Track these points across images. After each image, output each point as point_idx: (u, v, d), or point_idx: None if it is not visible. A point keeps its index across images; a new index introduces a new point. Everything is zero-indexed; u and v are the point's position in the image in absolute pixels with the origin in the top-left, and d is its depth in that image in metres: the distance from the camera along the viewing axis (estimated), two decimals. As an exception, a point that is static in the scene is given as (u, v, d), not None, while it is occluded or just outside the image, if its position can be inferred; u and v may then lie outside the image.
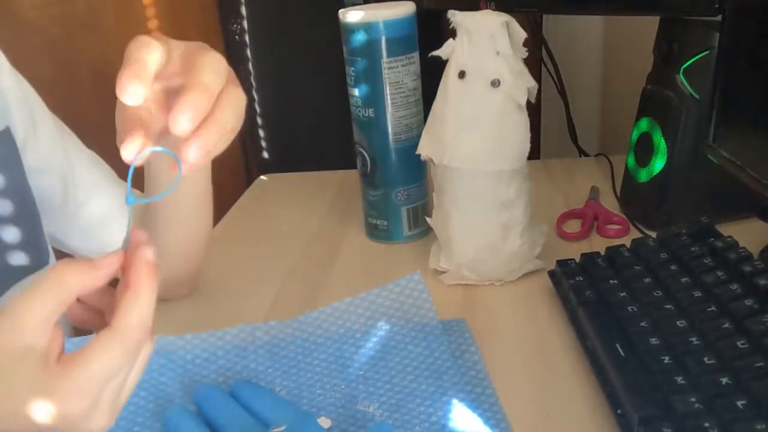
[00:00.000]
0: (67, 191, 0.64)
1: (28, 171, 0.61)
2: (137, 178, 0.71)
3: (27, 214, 0.60)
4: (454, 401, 0.49)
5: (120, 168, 0.71)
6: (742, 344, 0.44)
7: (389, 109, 0.72)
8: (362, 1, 1.12)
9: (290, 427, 0.44)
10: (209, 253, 0.68)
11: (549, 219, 0.75)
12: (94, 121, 0.70)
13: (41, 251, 0.62)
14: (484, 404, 0.49)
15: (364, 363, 0.55)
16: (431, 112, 0.65)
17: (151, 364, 0.56)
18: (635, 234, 0.72)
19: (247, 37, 1.27)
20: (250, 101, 1.32)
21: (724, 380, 0.42)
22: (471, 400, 0.49)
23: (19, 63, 0.62)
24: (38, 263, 0.61)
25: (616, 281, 0.56)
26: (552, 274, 0.63)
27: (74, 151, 0.66)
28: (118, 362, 0.36)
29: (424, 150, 0.65)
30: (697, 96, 0.67)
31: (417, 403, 0.50)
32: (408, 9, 0.70)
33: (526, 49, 0.61)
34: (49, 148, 0.63)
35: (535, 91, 0.62)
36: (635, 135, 0.76)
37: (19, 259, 0.59)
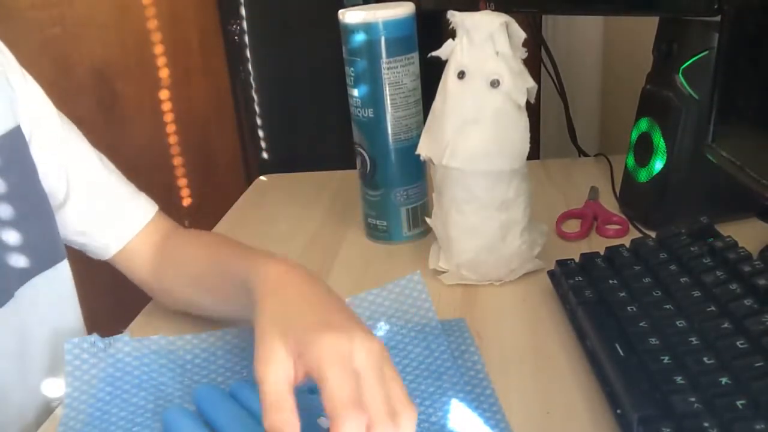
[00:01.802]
0: (69, 189, 0.64)
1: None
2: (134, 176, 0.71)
3: (36, 215, 0.60)
4: (454, 401, 0.49)
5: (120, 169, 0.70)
6: (742, 344, 0.44)
7: (389, 110, 0.72)
8: (362, 1, 1.12)
9: None
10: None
11: (548, 219, 0.75)
12: (93, 120, 0.70)
13: (53, 250, 0.62)
14: (483, 404, 0.49)
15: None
16: (431, 113, 0.65)
17: (151, 365, 0.56)
18: (635, 234, 0.72)
19: (246, 38, 1.27)
20: (250, 102, 1.32)
21: (724, 380, 0.42)
22: (470, 401, 0.49)
23: (19, 62, 0.62)
24: (48, 263, 0.62)
25: (615, 281, 0.56)
26: (551, 274, 0.63)
27: (80, 149, 0.66)
28: None
29: (423, 150, 0.65)
30: (696, 96, 0.67)
31: (417, 403, 0.50)
32: (407, 9, 0.70)
33: (525, 49, 0.61)
34: (54, 146, 0.63)
35: (535, 92, 0.62)
36: (635, 135, 0.76)
37: (18, 261, 0.59)
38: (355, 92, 0.72)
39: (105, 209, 0.66)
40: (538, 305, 0.62)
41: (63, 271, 0.63)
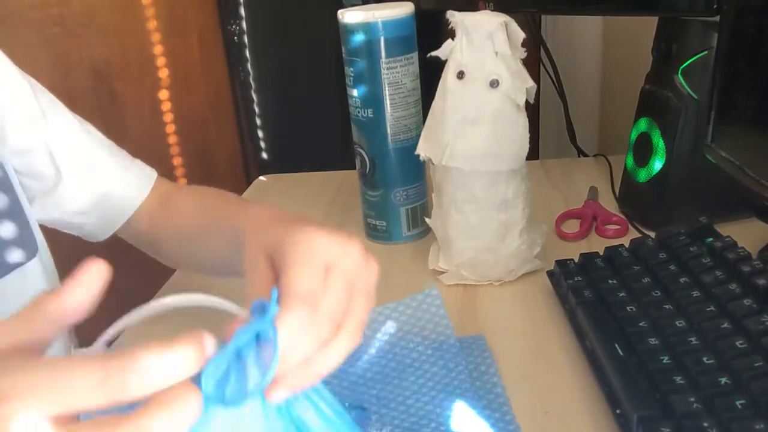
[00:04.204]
0: (58, 168, 0.62)
1: (11, 154, 0.59)
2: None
3: (18, 207, 0.59)
4: (471, 426, 0.47)
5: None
6: (741, 344, 0.44)
7: (388, 110, 0.72)
8: (361, 1, 1.12)
9: None
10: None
11: (548, 219, 0.75)
12: (93, 120, 0.70)
13: (30, 243, 0.60)
14: (503, 430, 0.47)
15: (378, 382, 0.52)
16: (430, 113, 0.65)
17: None
18: (634, 234, 0.72)
19: (246, 38, 1.27)
20: (249, 102, 1.32)
21: (723, 380, 0.42)
22: (490, 425, 0.47)
23: (18, 63, 0.62)
24: (28, 257, 0.59)
25: (615, 281, 0.56)
26: (551, 274, 0.64)
27: (65, 125, 0.63)
28: None
29: (423, 150, 0.65)
30: (695, 96, 0.67)
31: (432, 427, 0.48)
32: (407, 9, 0.70)
33: (524, 49, 0.61)
34: (33, 126, 0.61)
35: (534, 92, 0.62)
36: (634, 135, 0.76)
37: (16, 256, 0.58)
38: (355, 92, 0.72)
39: (99, 186, 0.64)
40: (537, 305, 0.62)
41: (35, 267, 0.60)
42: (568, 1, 0.84)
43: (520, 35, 0.60)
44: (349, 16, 0.69)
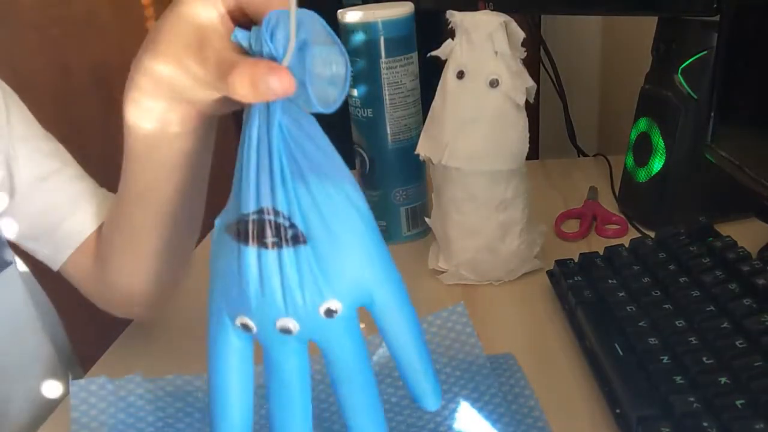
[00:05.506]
0: (12, 184, 0.57)
1: None
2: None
3: None
4: None
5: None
6: (741, 344, 0.44)
7: (388, 110, 0.72)
8: (361, 1, 1.12)
9: None
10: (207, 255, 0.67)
11: (547, 219, 0.75)
12: (93, 121, 0.70)
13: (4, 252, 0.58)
14: None
15: (405, 407, 0.49)
16: (430, 112, 0.65)
17: (167, 408, 0.51)
18: (634, 234, 0.72)
19: (245, 38, 1.27)
20: (249, 102, 1.32)
21: (723, 380, 0.42)
22: None
23: (18, 63, 0.62)
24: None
25: (614, 281, 0.56)
26: (551, 274, 0.64)
27: (25, 138, 0.58)
28: None
29: (422, 150, 0.65)
30: (695, 96, 0.67)
31: None
32: (406, 9, 0.70)
33: (524, 49, 0.61)
34: None
35: (534, 92, 0.62)
36: (634, 135, 0.76)
37: (10, 255, 0.58)
38: (355, 92, 0.72)
39: (48, 214, 0.58)
40: (537, 305, 0.62)
41: (11, 277, 0.58)
42: (568, 1, 0.84)
43: (520, 35, 0.60)
44: (349, 16, 0.69)
